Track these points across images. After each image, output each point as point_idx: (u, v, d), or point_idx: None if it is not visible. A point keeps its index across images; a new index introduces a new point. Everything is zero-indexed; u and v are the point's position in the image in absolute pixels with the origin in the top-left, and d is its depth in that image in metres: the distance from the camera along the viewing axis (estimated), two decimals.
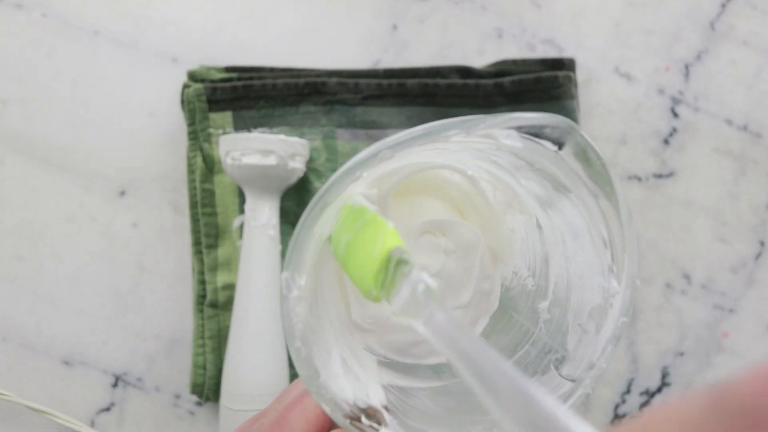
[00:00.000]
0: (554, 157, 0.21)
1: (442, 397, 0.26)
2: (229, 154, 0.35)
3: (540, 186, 0.24)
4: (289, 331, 0.20)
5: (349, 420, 0.21)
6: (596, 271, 0.23)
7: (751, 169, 0.40)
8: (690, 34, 0.40)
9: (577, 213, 0.23)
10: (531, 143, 0.21)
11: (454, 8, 0.40)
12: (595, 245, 0.23)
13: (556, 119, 0.20)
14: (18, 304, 0.38)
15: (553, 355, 0.25)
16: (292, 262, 0.20)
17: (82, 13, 0.39)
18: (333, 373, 0.22)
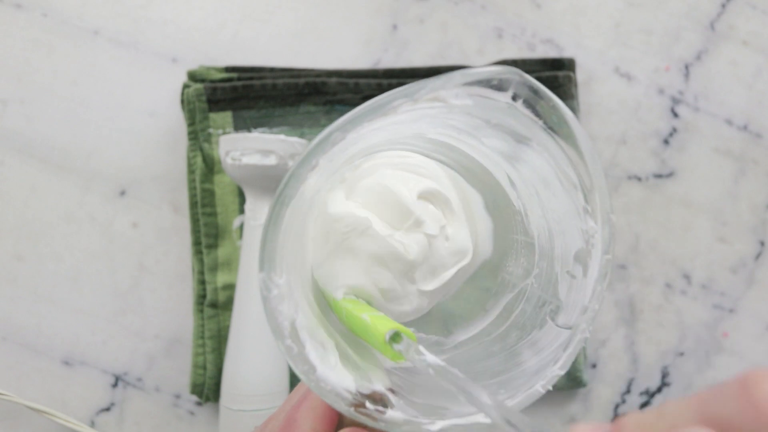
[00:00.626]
0: (508, 109, 0.21)
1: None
2: (229, 154, 0.35)
3: (502, 141, 0.24)
4: (277, 331, 0.20)
5: (353, 408, 0.21)
6: (572, 214, 0.23)
7: (751, 169, 0.40)
8: (690, 34, 0.40)
9: (542, 161, 0.23)
10: (481, 99, 0.21)
11: (454, 8, 0.40)
12: (566, 189, 0.23)
13: (502, 70, 0.20)
14: (18, 304, 0.38)
15: (547, 307, 0.25)
16: (265, 261, 0.20)
17: (82, 13, 0.39)
18: (331, 365, 0.22)
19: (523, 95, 0.21)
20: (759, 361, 0.40)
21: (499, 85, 0.20)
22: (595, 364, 0.39)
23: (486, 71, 0.20)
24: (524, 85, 0.20)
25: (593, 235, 0.22)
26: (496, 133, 0.23)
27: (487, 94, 0.21)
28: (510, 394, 0.22)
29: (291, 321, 0.21)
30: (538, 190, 0.25)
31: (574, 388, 0.38)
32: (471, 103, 0.21)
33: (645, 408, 0.39)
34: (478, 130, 0.24)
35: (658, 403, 0.39)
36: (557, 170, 0.23)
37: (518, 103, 0.21)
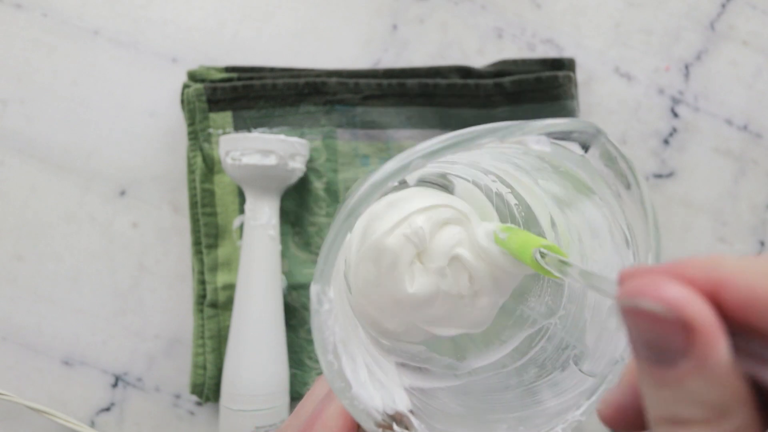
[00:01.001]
0: (580, 160, 0.22)
1: (462, 396, 0.27)
2: (229, 154, 0.35)
3: (560, 187, 0.25)
4: (322, 346, 0.20)
5: (381, 429, 0.21)
6: (616, 269, 0.23)
7: (751, 169, 0.40)
8: (690, 34, 0.40)
9: (599, 213, 0.23)
10: (559, 148, 0.21)
11: (454, 8, 0.40)
12: (616, 245, 0.23)
13: (583, 124, 0.20)
14: (18, 304, 0.38)
15: (571, 351, 0.25)
16: (323, 275, 0.20)
17: (82, 13, 0.39)
18: (361, 382, 0.22)
19: (599, 150, 0.21)
20: None
21: (578, 138, 0.21)
22: None
23: (569, 123, 0.20)
24: (598, 140, 0.21)
25: None
26: (559, 179, 0.24)
27: (564, 144, 0.21)
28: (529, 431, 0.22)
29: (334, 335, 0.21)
30: (582, 238, 0.25)
31: None
32: (549, 150, 0.21)
33: None
34: (539, 171, 0.25)
35: None
36: (612, 225, 0.23)
37: (590, 155, 0.21)
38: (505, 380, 0.27)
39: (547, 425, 0.22)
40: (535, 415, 0.23)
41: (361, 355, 0.24)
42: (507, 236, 0.26)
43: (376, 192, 0.19)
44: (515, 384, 0.27)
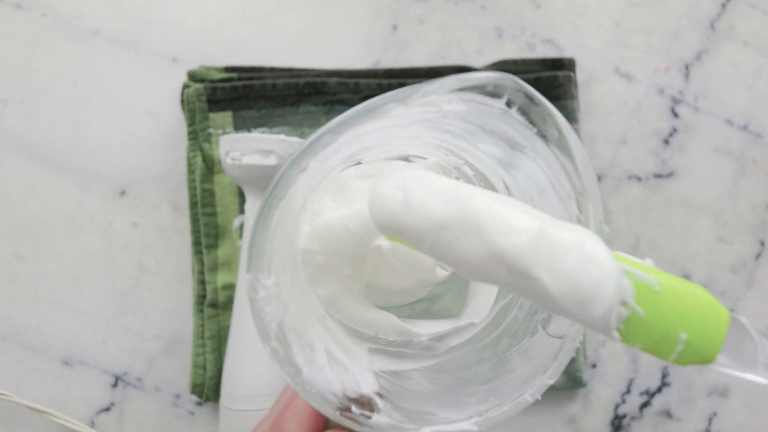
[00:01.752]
0: (503, 116, 0.21)
1: (436, 374, 0.26)
2: (229, 154, 0.35)
3: (496, 147, 0.24)
4: (263, 332, 0.20)
5: (339, 412, 0.21)
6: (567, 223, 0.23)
7: (751, 169, 0.40)
8: (690, 34, 0.40)
9: (536, 168, 0.23)
10: (475, 105, 0.20)
11: (454, 8, 0.40)
12: (560, 197, 0.22)
13: (497, 76, 0.20)
14: (18, 304, 0.38)
15: (539, 315, 0.25)
16: (252, 262, 0.20)
17: (81, 13, 0.39)
18: (318, 367, 0.22)
19: (518, 102, 0.20)
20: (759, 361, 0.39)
21: (494, 91, 0.20)
22: (595, 364, 0.39)
23: (480, 77, 0.19)
24: (519, 92, 0.20)
25: None
26: (491, 139, 0.23)
27: (481, 100, 0.20)
28: (498, 401, 0.22)
29: (279, 322, 0.21)
30: (533, 197, 0.25)
31: (574, 388, 0.38)
32: (464, 108, 0.20)
33: (645, 408, 0.39)
34: (473, 135, 0.24)
35: (658, 403, 0.39)
36: (551, 178, 0.22)
37: (513, 109, 0.20)
38: (479, 354, 0.27)
39: (516, 392, 0.22)
40: (505, 384, 0.23)
41: (321, 342, 0.24)
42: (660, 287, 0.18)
43: (293, 172, 0.19)
44: (489, 356, 0.26)
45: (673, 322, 0.18)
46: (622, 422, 0.39)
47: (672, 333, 0.18)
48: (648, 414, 0.39)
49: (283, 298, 0.22)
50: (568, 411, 0.39)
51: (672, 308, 0.18)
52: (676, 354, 0.18)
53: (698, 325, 0.18)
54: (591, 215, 0.21)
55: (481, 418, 0.21)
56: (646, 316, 0.18)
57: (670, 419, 0.39)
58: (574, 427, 0.39)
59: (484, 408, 0.22)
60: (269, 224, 0.20)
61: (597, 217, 0.21)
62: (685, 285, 0.18)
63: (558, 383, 0.38)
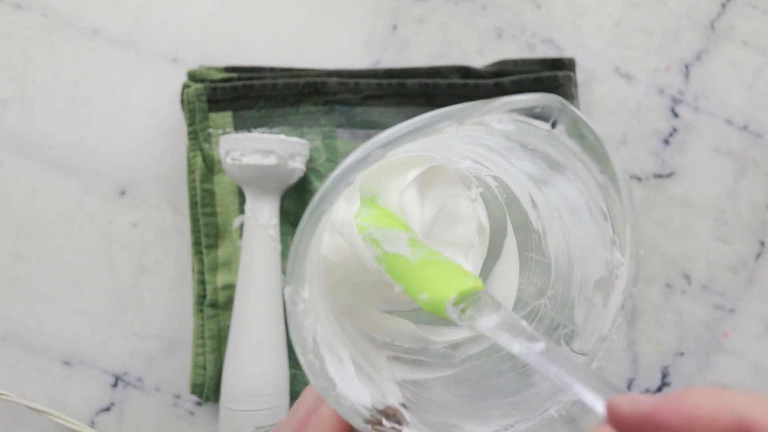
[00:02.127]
0: (547, 136, 0.21)
1: (455, 385, 0.26)
2: (229, 154, 0.35)
3: (533, 165, 0.24)
4: (301, 346, 0.20)
5: (370, 425, 0.21)
6: (598, 244, 0.23)
7: (751, 169, 0.40)
8: (690, 34, 0.40)
9: (573, 188, 0.23)
10: (523, 125, 0.21)
11: (454, 8, 0.40)
12: (595, 219, 0.23)
13: (546, 99, 0.20)
14: (18, 304, 0.38)
15: (561, 330, 0.25)
16: (294, 275, 0.20)
17: (81, 13, 0.39)
18: (348, 380, 0.22)
19: (564, 123, 0.21)
20: (759, 361, 0.40)
21: (542, 113, 0.20)
22: None
23: (530, 98, 0.20)
24: (565, 114, 0.20)
25: (618, 267, 0.23)
26: (530, 157, 0.23)
27: (529, 121, 0.21)
28: (523, 416, 0.22)
29: (313, 334, 0.21)
30: (563, 215, 0.25)
31: None
32: (513, 128, 0.21)
33: None
34: (511, 152, 0.24)
35: None
36: (588, 199, 0.23)
37: (557, 130, 0.21)
38: (498, 365, 0.27)
39: (541, 407, 0.22)
40: (529, 398, 0.23)
41: (348, 353, 0.24)
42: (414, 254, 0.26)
43: (339, 187, 0.19)
44: (508, 368, 0.26)
45: (417, 284, 0.23)
46: None
47: (416, 290, 0.23)
48: None
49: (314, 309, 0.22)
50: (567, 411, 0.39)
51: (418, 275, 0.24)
52: (421, 302, 0.23)
53: (435, 289, 0.22)
54: (628, 238, 0.22)
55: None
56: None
57: None
58: (574, 426, 0.39)
59: (509, 422, 0.22)
60: (312, 238, 0.19)
61: (634, 242, 0.22)
62: (438, 264, 0.23)
63: None
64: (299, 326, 0.20)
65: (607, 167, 0.21)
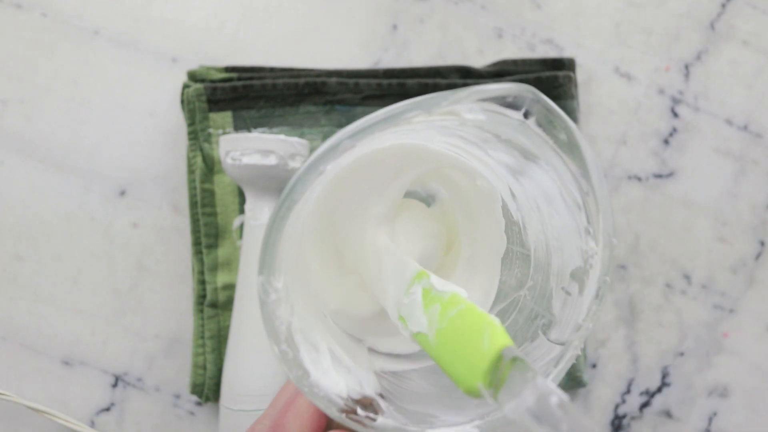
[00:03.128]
0: (520, 126, 0.21)
1: (435, 375, 0.26)
2: (229, 154, 0.35)
3: (509, 155, 0.24)
4: (273, 335, 0.20)
5: (345, 414, 0.21)
6: (573, 233, 0.23)
7: (751, 169, 0.40)
8: (690, 34, 0.40)
9: (548, 178, 0.23)
10: (494, 115, 0.21)
11: (454, 8, 0.40)
12: (570, 208, 0.23)
13: (518, 88, 0.20)
14: (18, 304, 0.38)
15: (540, 320, 0.25)
16: (265, 265, 0.20)
17: (82, 14, 0.39)
18: (323, 369, 0.22)
19: (536, 113, 0.21)
20: (759, 362, 0.40)
21: (513, 102, 0.20)
22: (595, 364, 0.39)
23: (501, 88, 0.20)
24: (537, 104, 0.20)
25: (592, 256, 0.22)
26: (505, 147, 0.23)
27: (501, 111, 0.21)
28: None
29: (287, 324, 0.21)
30: (540, 206, 0.25)
31: (574, 388, 0.38)
32: (484, 118, 0.20)
33: (645, 408, 0.39)
34: (486, 143, 0.24)
35: (658, 403, 0.39)
36: (562, 189, 0.23)
37: (530, 121, 0.21)
38: None
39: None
40: None
41: (325, 343, 0.24)
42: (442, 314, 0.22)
43: (310, 176, 0.19)
44: None
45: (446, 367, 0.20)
46: (622, 422, 0.39)
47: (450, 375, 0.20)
48: (648, 414, 0.39)
49: (290, 299, 0.22)
50: None
51: (443, 356, 0.21)
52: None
53: (463, 377, 0.19)
54: (601, 228, 0.22)
55: (482, 422, 0.22)
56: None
57: (670, 419, 0.39)
58: None
59: (485, 411, 0.22)
60: (283, 228, 0.20)
61: (606, 230, 0.22)
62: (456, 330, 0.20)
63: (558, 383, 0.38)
64: (272, 316, 0.20)
65: (578, 156, 0.21)
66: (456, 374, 0.19)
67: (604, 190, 0.21)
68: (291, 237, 0.22)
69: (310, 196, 0.22)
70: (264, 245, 0.20)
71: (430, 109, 0.19)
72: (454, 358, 0.20)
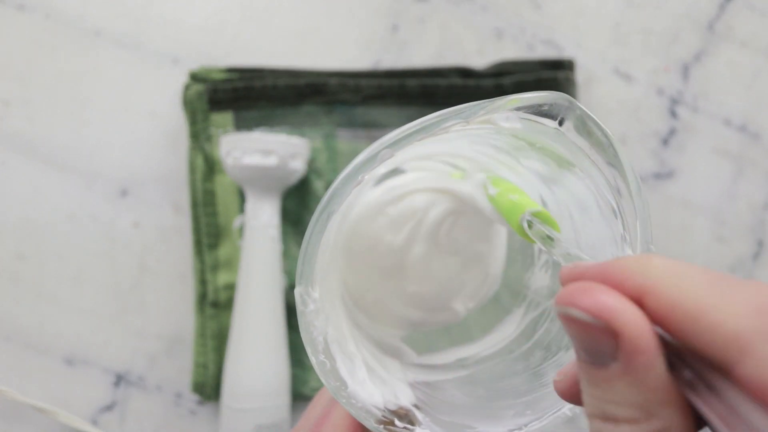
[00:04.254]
0: (555, 134, 0.21)
1: (469, 386, 0.26)
2: (230, 154, 0.35)
3: (542, 164, 0.24)
4: (311, 346, 0.20)
5: (383, 426, 0.21)
6: (608, 241, 0.23)
7: (750, 169, 0.40)
8: (689, 35, 0.41)
9: (583, 186, 0.23)
10: (530, 123, 0.21)
11: (454, 8, 0.40)
12: (605, 216, 0.23)
13: (553, 96, 0.20)
14: (20, 304, 0.39)
15: None
16: (303, 276, 0.20)
17: (83, 15, 0.39)
18: (359, 380, 0.22)
19: (572, 121, 0.21)
20: None
21: (549, 111, 0.20)
22: None
23: (538, 96, 0.20)
24: (573, 111, 0.20)
25: None
26: (538, 155, 0.24)
27: (537, 119, 0.21)
28: (537, 415, 0.22)
29: (324, 335, 0.21)
30: (573, 214, 0.25)
31: None
32: (520, 126, 0.21)
33: None
34: (519, 151, 0.24)
35: None
36: (597, 196, 0.23)
37: (565, 128, 0.21)
38: (512, 366, 0.27)
39: (555, 406, 0.22)
40: (542, 398, 0.23)
41: (360, 354, 0.24)
42: (497, 192, 0.25)
43: (347, 186, 0.19)
44: (522, 369, 0.26)
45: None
46: None
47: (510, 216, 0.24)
48: None
49: (325, 310, 0.22)
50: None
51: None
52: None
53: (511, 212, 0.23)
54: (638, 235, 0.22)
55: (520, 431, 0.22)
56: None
57: None
58: (574, 426, 0.39)
59: (523, 421, 0.22)
60: (321, 239, 0.20)
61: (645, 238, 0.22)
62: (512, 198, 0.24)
63: None
64: (310, 326, 0.20)
65: (616, 163, 0.21)
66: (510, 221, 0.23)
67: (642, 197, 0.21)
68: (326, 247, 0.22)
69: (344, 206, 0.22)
70: (302, 256, 0.20)
71: (468, 118, 0.19)
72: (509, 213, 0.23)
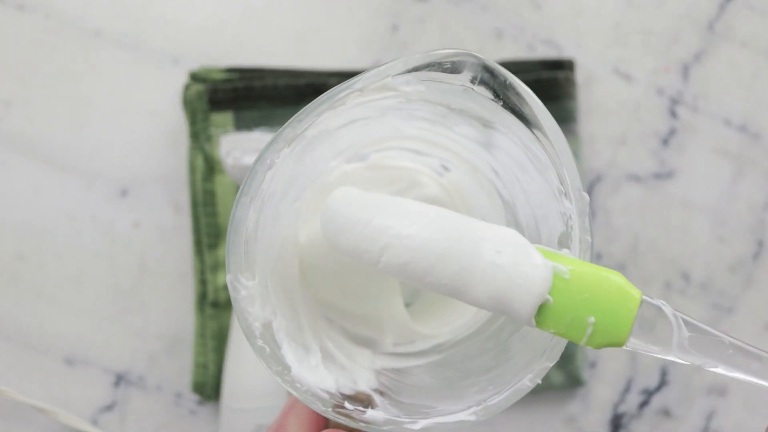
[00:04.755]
0: (465, 92, 0.20)
1: (440, 369, 0.26)
2: (230, 154, 0.35)
3: (471, 128, 0.23)
4: (248, 331, 0.21)
5: (331, 408, 0.21)
6: (550, 197, 0.22)
7: (750, 169, 0.40)
8: (689, 35, 0.41)
9: (511, 143, 0.22)
10: (434, 84, 0.20)
11: (454, 8, 0.40)
12: (540, 171, 0.22)
13: (451, 52, 0.19)
14: (20, 304, 0.39)
15: None
16: (230, 263, 0.20)
17: (84, 15, 0.39)
18: (310, 366, 0.22)
19: (480, 76, 0.20)
20: None
21: (452, 67, 0.20)
22: (594, 363, 0.39)
23: (435, 54, 0.19)
24: (479, 66, 0.20)
25: (570, 216, 0.21)
26: (462, 119, 0.22)
27: (441, 78, 0.20)
28: (498, 389, 0.21)
29: (264, 322, 0.21)
30: (518, 176, 0.24)
31: (573, 387, 0.38)
32: (424, 88, 0.20)
33: (644, 407, 0.39)
34: (446, 118, 0.23)
35: (657, 402, 0.40)
36: (527, 152, 0.22)
37: (475, 85, 0.20)
38: (483, 345, 0.26)
39: (515, 378, 0.21)
40: (505, 371, 0.22)
41: (318, 343, 0.24)
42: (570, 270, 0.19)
43: (260, 170, 0.20)
44: (492, 346, 0.25)
45: (581, 307, 0.18)
46: (621, 421, 0.39)
47: (580, 317, 0.18)
48: (647, 413, 0.39)
49: (271, 300, 0.22)
50: (567, 410, 0.39)
51: (580, 294, 0.19)
52: (586, 337, 0.19)
53: (606, 309, 0.18)
54: (568, 184, 0.21)
55: (479, 408, 0.21)
56: (555, 303, 0.19)
57: (668, 418, 0.39)
58: (574, 426, 0.39)
59: (483, 397, 0.21)
60: (240, 225, 0.20)
61: (574, 185, 0.20)
62: (596, 270, 0.19)
63: (557, 382, 0.38)
64: (244, 312, 0.21)
65: (530, 111, 0.20)
66: (597, 312, 0.18)
67: (562, 143, 0.20)
68: (267, 239, 0.22)
69: (277, 197, 0.22)
70: (226, 244, 0.20)
71: (363, 87, 0.19)
72: (590, 300, 0.18)
